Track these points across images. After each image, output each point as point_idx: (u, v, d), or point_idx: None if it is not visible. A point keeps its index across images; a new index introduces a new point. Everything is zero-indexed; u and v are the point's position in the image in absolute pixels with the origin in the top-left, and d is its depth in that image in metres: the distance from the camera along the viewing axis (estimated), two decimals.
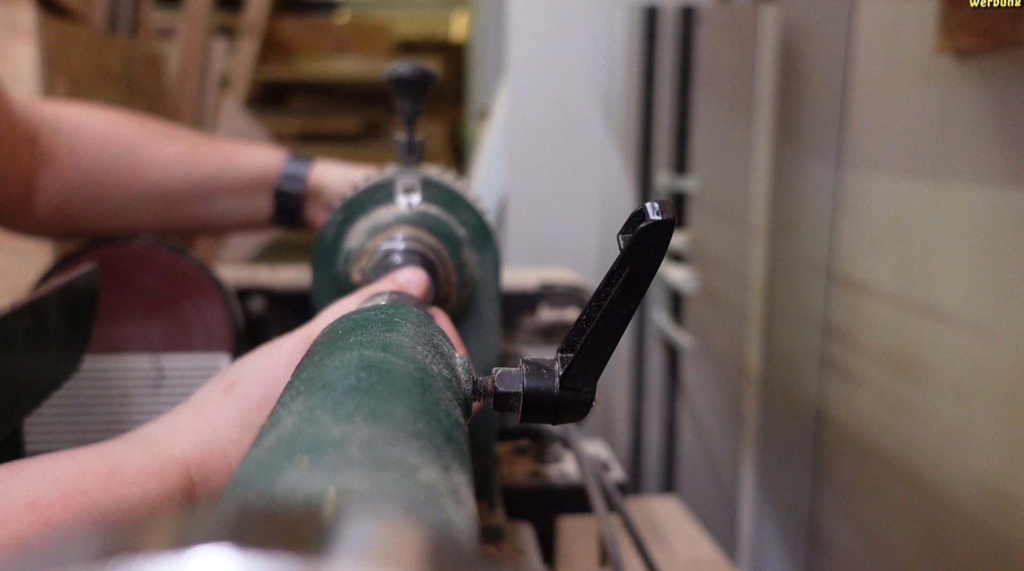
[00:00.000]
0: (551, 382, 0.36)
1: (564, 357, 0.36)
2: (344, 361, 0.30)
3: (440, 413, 0.29)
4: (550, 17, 1.47)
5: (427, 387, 0.30)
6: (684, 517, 1.16)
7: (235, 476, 0.23)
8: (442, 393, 0.31)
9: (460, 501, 0.23)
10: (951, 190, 0.93)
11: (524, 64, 1.48)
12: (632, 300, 0.34)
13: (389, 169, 0.63)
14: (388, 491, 0.21)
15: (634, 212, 0.33)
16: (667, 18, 1.39)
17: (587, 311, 0.35)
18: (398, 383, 0.29)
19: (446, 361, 0.35)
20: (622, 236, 0.34)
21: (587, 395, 0.36)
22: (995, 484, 0.87)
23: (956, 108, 0.92)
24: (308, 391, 0.28)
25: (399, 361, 0.31)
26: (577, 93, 1.48)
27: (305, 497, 0.20)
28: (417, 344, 0.34)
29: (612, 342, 0.35)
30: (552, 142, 1.49)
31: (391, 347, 0.32)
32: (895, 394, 1.04)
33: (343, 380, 0.28)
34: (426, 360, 0.33)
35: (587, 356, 0.35)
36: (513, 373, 0.36)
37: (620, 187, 1.45)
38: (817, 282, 1.26)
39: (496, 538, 0.61)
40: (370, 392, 0.27)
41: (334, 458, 0.22)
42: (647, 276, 0.33)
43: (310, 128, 3.49)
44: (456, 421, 0.30)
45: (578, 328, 0.36)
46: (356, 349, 0.31)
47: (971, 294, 0.90)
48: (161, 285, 0.77)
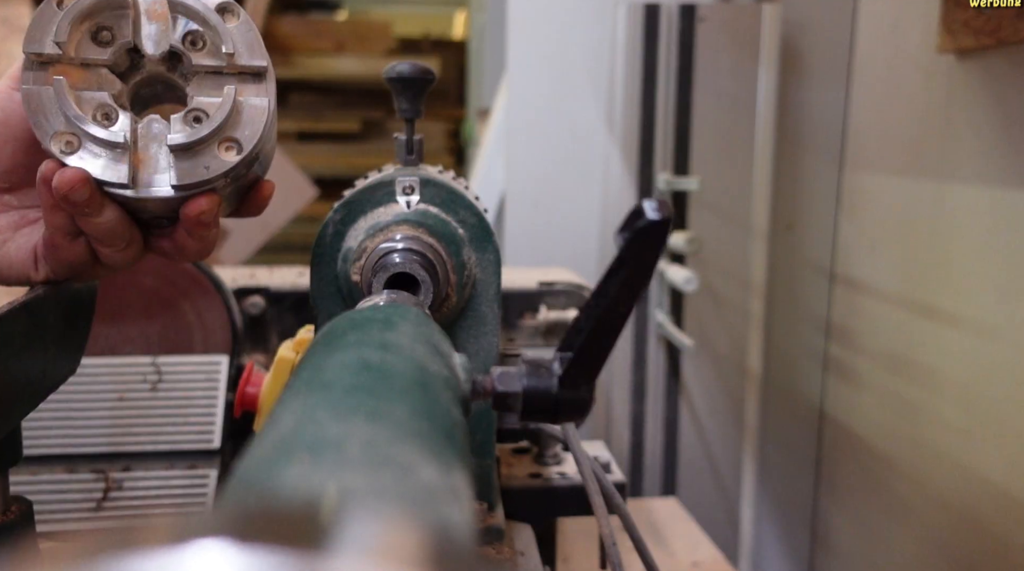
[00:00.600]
0: (550, 381, 0.36)
1: (563, 356, 0.36)
2: (343, 361, 0.30)
3: (439, 412, 0.29)
4: (550, 16, 1.47)
5: (426, 387, 0.30)
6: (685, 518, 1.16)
7: (236, 474, 0.23)
8: (441, 392, 0.31)
9: (459, 500, 0.23)
10: (952, 189, 0.92)
11: (524, 63, 1.48)
12: (630, 299, 0.34)
13: (389, 168, 0.63)
14: (387, 490, 0.21)
15: (631, 210, 0.33)
16: (668, 17, 1.39)
17: (585, 310, 0.35)
18: (397, 383, 0.29)
19: (445, 360, 0.35)
20: (620, 234, 0.34)
21: (586, 394, 0.36)
22: (997, 484, 0.86)
23: (957, 107, 0.91)
24: (307, 391, 0.28)
25: (398, 361, 0.31)
26: (577, 92, 1.48)
27: (305, 495, 0.20)
28: (416, 343, 0.34)
29: (611, 341, 0.35)
30: (552, 141, 1.49)
31: (390, 347, 0.32)
32: (897, 394, 1.04)
33: (342, 380, 0.28)
34: (425, 359, 0.33)
35: (586, 355, 0.35)
36: (512, 373, 0.36)
37: (620, 187, 1.45)
38: (818, 282, 1.25)
39: (496, 539, 0.61)
40: (369, 392, 0.27)
41: (334, 457, 0.22)
42: (645, 275, 0.33)
43: (309, 127, 3.48)
44: (455, 421, 0.30)
45: (576, 327, 0.36)
46: (355, 349, 0.31)
47: (972, 294, 0.90)
48: (159, 285, 0.76)
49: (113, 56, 0.43)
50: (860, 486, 1.14)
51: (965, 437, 0.91)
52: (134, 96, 0.46)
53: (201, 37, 0.44)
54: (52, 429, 0.70)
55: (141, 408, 0.72)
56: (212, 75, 0.44)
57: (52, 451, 0.70)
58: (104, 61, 0.43)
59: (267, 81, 0.45)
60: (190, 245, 0.46)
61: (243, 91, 0.44)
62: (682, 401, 1.46)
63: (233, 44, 0.43)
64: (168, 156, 0.43)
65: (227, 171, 0.43)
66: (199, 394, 0.74)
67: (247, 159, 0.44)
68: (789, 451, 1.37)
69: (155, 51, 0.44)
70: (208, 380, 0.74)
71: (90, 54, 0.43)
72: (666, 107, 1.41)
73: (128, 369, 0.73)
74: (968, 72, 0.89)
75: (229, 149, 0.44)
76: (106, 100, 0.43)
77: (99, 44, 0.43)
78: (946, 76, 0.93)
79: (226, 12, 0.44)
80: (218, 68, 0.44)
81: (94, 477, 0.70)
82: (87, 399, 0.72)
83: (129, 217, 0.45)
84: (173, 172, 0.43)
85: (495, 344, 0.61)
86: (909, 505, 1.01)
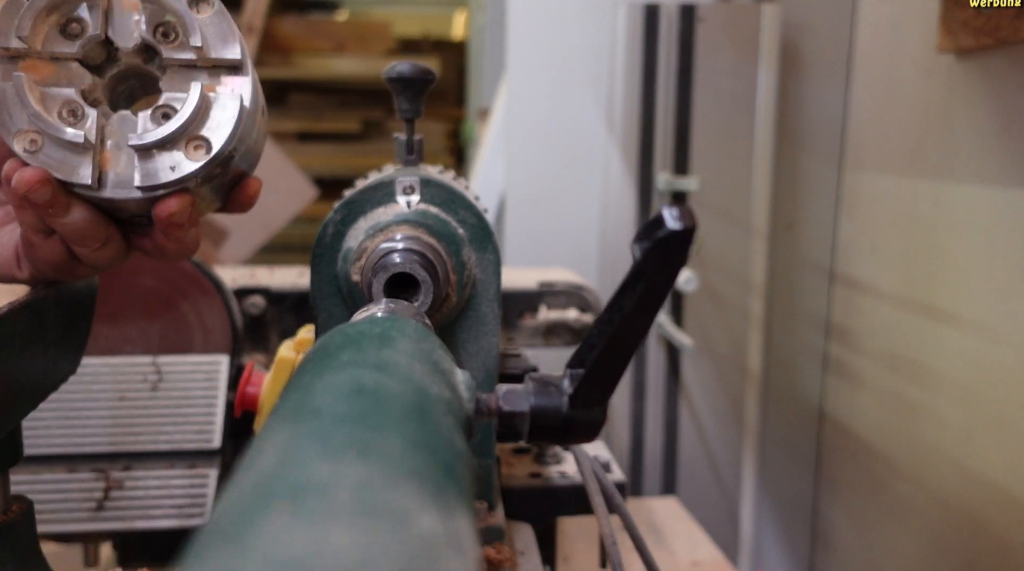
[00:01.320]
0: (559, 400, 0.33)
1: (574, 373, 0.34)
2: (335, 384, 0.28)
3: (440, 443, 0.27)
4: (550, 16, 1.47)
5: (426, 413, 0.28)
6: (685, 518, 1.16)
7: (211, 522, 0.21)
8: (442, 419, 0.29)
9: (461, 550, 0.21)
10: (952, 189, 0.92)
11: (524, 63, 1.48)
12: (648, 314, 0.31)
13: (389, 168, 0.63)
14: (380, 546, 0.19)
15: (651, 219, 0.30)
16: (667, 17, 1.39)
17: (599, 325, 0.33)
18: (394, 410, 0.27)
19: (446, 379, 0.33)
20: (638, 244, 0.31)
21: (598, 415, 0.34)
22: (997, 484, 0.86)
23: (957, 107, 0.91)
24: (294, 419, 0.25)
25: (395, 383, 0.29)
26: (577, 92, 1.48)
27: (282, 564, 0.18)
28: (415, 362, 0.32)
29: (626, 359, 0.33)
30: (552, 141, 1.49)
31: (387, 367, 0.30)
32: (897, 394, 1.04)
33: (333, 407, 0.26)
34: (425, 380, 0.31)
35: (599, 373, 0.33)
36: (519, 391, 0.34)
37: (620, 187, 1.45)
38: (818, 282, 1.26)
39: (496, 539, 0.61)
40: (362, 421, 0.25)
41: (319, 505, 0.20)
42: (664, 289, 0.31)
43: (309, 127, 3.48)
44: (457, 452, 0.28)
45: (589, 343, 0.33)
46: (348, 369, 0.29)
47: (972, 294, 0.90)
48: (159, 285, 0.76)
49: (83, 49, 0.41)
50: (860, 486, 1.14)
51: (965, 437, 0.91)
52: (114, 91, 0.44)
53: (173, 28, 0.41)
54: (52, 429, 0.70)
55: (141, 408, 0.72)
56: (185, 69, 0.42)
57: (52, 451, 0.70)
58: (73, 54, 0.41)
59: (244, 75, 0.42)
60: (169, 246, 0.45)
61: (215, 86, 0.42)
62: (682, 401, 1.46)
63: (203, 36, 0.41)
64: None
65: (195, 172, 0.41)
66: (199, 394, 0.74)
67: (218, 158, 0.41)
68: (789, 451, 1.37)
69: (127, 44, 0.41)
70: (208, 380, 0.74)
71: (59, 47, 0.41)
72: (666, 107, 1.41)
73: (128, 369, 0.74)
74: (968, 72, 0.89)
75: (198, 148, 0.41)
76: (73, 97, 0.41)
77: (68, 37, 0.41)
78: (946, 76, 0.93)
79: (200, 2, 0.41)
80: (190, 62, 0.41)
81: (94, 477, 0.70)
82: (87, 399, 0.72)
83: (103, 216, 0.43)
84: (137, 173, 0.41)
85: (495, 344, 0.61)
86: (909, 505, 1.01)
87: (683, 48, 1.39)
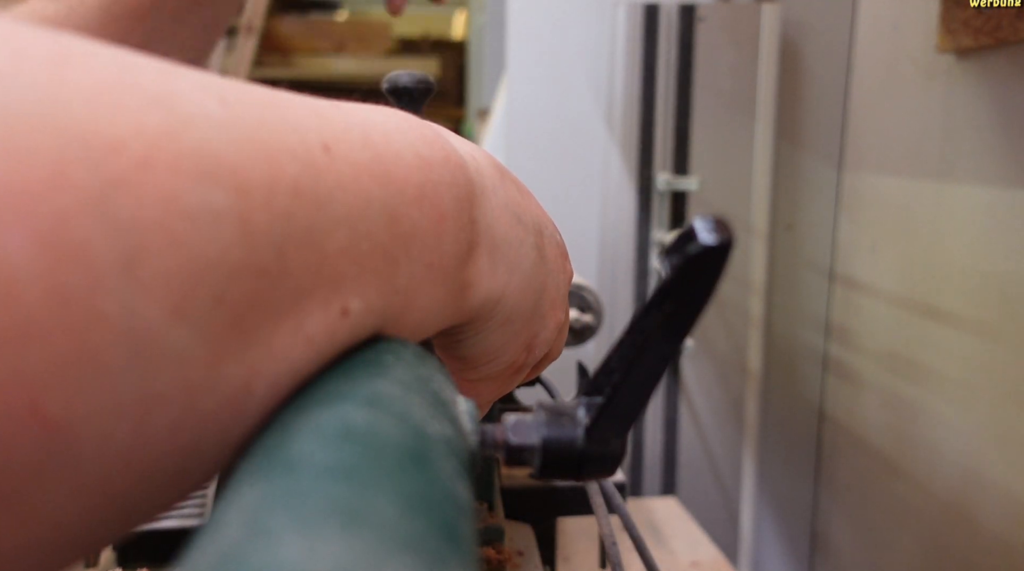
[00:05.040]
0: (574, 432, 0.30)
1: (590, 402, 0.30)
2: (319, 424, 0.24)
3: (440, 498, 0.23)
4: (550, 16, 1.47)
5: (424, 460, 0.24)
6: (685, 518, 1.16)
7: None
8: (443, 464, 0.25)
9: None
10: (952, 189, 0.92)
11: (524, 63, 1.48)
12: (675, 339, 0.28)
13: None
14: None
15: (682, 232, 0.27)
16: (667, 16, 1.39)
17: (619, 349, 0.30)
18: (387, 459, 0.23)
19: (446, 411, 0.29)
20: (666, 259, 0.28)
21: (616, 449, 0.30)
22: (997, 484, 0.86)
23: (957, 107, 0.91)
24: (268, 470, 0.21)
25: (388, 423, 0.25)
26: (577, 92, 1.48)
27: None
28: (412, 394, 0.28)
29: (650, 388, 0.29)
30: (551, 141, 1.49)
31: (379, 402, 0.26)
32: (897, 394, 1.04)
33: (314, 456, 0.22)
34: (423, 417, 0.26)
35: (618, 403, 0.29)
36: (529, 422, 0.31)
37: (620, 187, 1.45)
38: (818, 282, 1.26)
39: (496, 539, 0.61)
40: (349, 476, 0.21)
41: None
42: (695, 311, 0.27)
43: None
44: (460, 506, 0.24)
45: (607, 368, 0.30)
46: (336, 404, 0.25)
47: (972, 294, 0.90)
48: None
49: None
50: (860, 486, 1.14)
51: (965, 437, 0.91)
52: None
53: None
54: None
55: None
56: None
57: None
58: None
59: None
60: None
61: None
62: (682, 401, 1.46)
63: None
64: None
65: None
66: None
67: None
68: (789, 451, 1.37)
69: None
70: None
71: None
72: (666, 107, 1.41)
73: None
74: (968, 72, 0.89)
75: None
76: None
77: None
78: (946, 76, 0.93)
79: None
80: None
81: None
82: None
83: None
84: None
85: None
86: (909, 505, 1.01)
87: (683, 48, 1.39)
